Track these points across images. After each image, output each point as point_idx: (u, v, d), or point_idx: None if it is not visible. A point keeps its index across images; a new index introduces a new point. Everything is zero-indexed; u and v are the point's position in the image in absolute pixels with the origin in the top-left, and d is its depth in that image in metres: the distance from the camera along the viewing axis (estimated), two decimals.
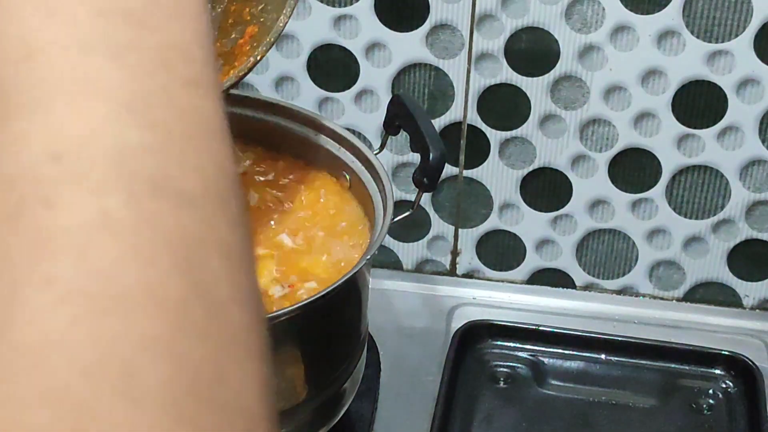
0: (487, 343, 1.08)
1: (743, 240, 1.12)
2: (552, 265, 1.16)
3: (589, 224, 1.13)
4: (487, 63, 1.06)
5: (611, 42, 1.03)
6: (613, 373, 1.06)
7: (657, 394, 1.04)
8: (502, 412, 1.02)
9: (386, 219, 0.84)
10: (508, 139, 1.10)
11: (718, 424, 1.02)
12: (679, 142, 1.07)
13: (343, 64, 1.09)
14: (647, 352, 1.07)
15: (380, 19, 1.06)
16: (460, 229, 1.16)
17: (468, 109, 1.09)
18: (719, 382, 1.05)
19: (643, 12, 1.02)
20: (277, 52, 1.09)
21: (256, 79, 1.11)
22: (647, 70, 1.04)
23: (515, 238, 1.15)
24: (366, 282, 0.88)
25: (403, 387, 1.04)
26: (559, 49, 1.05)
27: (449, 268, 1.18)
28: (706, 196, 1.10)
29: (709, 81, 1.04)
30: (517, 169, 1.11)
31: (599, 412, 1.02)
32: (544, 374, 1.06)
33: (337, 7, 1.06)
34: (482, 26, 1.05)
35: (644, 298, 1.16)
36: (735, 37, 1.02)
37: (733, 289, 1.15)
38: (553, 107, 1.07)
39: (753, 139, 1.06)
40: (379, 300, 1.11)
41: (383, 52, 1.07)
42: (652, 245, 1.13)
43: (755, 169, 1.08)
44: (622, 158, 1.09)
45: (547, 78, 1.06)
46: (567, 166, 1.10)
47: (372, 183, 0.90)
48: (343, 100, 1.10)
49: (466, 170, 1.12)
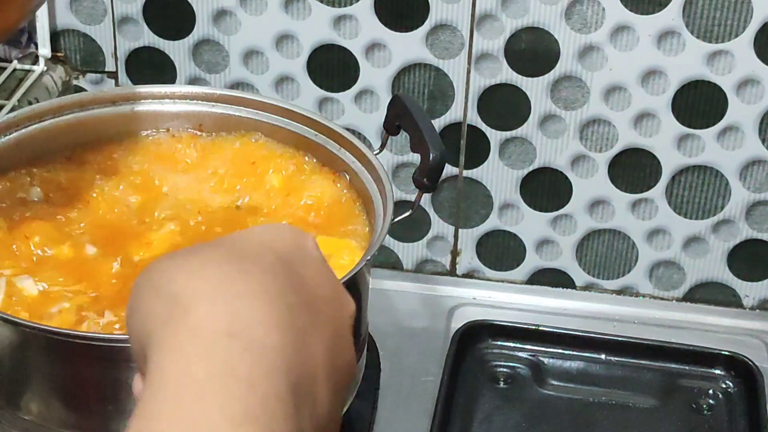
0: (487, 343, 1.08)
1: (743, 240, 1.12)
2: (552, 265, 1.16)
3: (589, 224, 1.13)
4: (487, 63, 1.06)
5: (611, 42, 1.03)
6: (613, 373, 1.06)
7: (657, 394, 1.04)
8: (502, 412, 1.02)
9: (386, 219, 0.84)
10: (508, 139, 1.10)
11: (718, 424, 1.02)
12: (679, 142, 1.07)
13: (343, 64, 1.09)
14: (647, 352, 1.07)
15: (380, 19, 1.06)
16: (460, 229, 1.16)
17: (468, 109, 1.09)
18: (719, 382, 1.05)
19: (643, 12, 1.02)
20: (277, 52, 1.09)
21: (256, 79, 1.11)
22: (647, 70, 1.04)
23: (515, 238, 1.15)
24: (366, 282, 0.88)
25: (403, 387, 1.04)
26: (559, 49, 1.05)
27: (449, 268, 1.18)
28: (706, 196, 1.10)
29: (709, 81, 1.04)
30: (517, 169, 1.11)
31: (599, 412, 1.02)
32: (544, 374, 1.06)
33: (337, 7, 1.06)
34: (482, 26, 1.05)
35: (644, 298, 1.16)
36: (735, 37, 1.02)
37: (733, 289, 1.15)
38: (553, 107, 1.07)
39: (753, 139, 1.06)
40: (379, 300, 1.11)
41: (383, 52, 1.07)
42: (652, 245, 1.13)
43: (755, 169, 1.08)
44: (622, 158, 1.09)
45: (547, 78, 1.06)
46: (567, 166, 1.10)
47: (372, 183, 0.90)
48: (343, 100, 1.10)
49: (466, 170, 1.12)
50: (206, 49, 1.11)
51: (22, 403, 0.78)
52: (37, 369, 0.78)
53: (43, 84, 1.10)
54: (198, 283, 0.46)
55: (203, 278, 0.47)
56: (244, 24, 1.09)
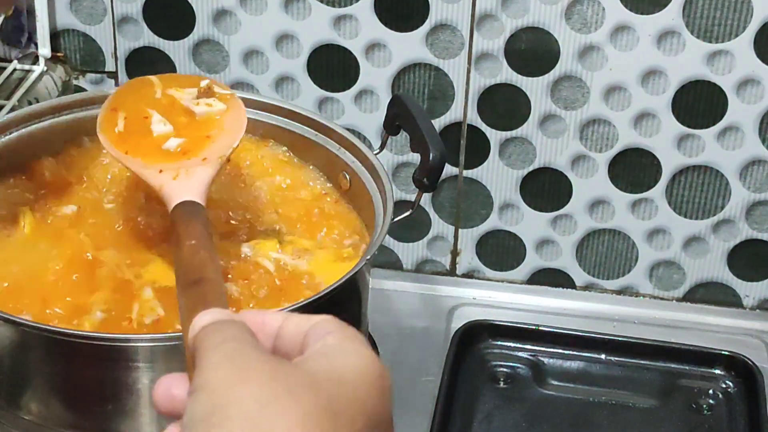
0: (487, 343, 1.08)
1: (743, 240, 1.12)
2: (552, 265, 1.16)
3: (589, 224, 1.13)
4: (487, 63, 1.06)
5: (611, 42, 1.03)
6: (613, 373, 1.06)
7: (657, 394, 1.04)
8: (502, 412, 1.02)
9: (386, 219, 0.84)
10: (508, 139, 1.10)
11: (718, 424, 1.02)
12: (679, 142, 1.07)
13: (343, 64, 1.09)
14: (647, 352, 1.07)
15: (380, 19, 1.06)
16: (460, 229, 1.16)
17: (468, 109, 1.09)
18: (719, 382, 1.05)
19: (643, 12, 1.02)
20: (277, 52, 1.09)
21: (256, 79, 1.11)
22: (647, 70, 1.04)
23: (515, 238, 1.15)
24: (366, 282, 0.88)
25: (403, 387, 1.04)
26: (559, 49, 1.05)
27: (449, 268, 1.18)
28: (706, 196, 1.10)
29: (709, 81, 1.04)
30: (517, 169, 1.11)
31: (599, 412, 1.02)
32: (544, 374, 1.06)
33: (337, 7, 1.06)
34: (482, 26, 1.05)
35: (644, 298, 1.16)
36: (735, 37, 1.02)
37: (733, 289, 1.15)
38: (553, 107, 1.07)
39: (753, 139, 1.06)
40: (379, 300, 1.11)
41: (383, 52, 1.07)
42: (652, 245, 1.13)
43: (755, 169, 1.08)
44: (622, 158, 1.09)
45: (547, 78, 1.06)
46: (567, 166, 1.10)
47: (372, 183, 0.90)
48: (343, 100, 1.10)
49: (466, 170, 1.12)
50: (206, 49, 1.11)
51: (22, 403, 0.78)
52: (37, 369, 0.78)
53: (43, 84, 1.10)
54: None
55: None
56: (244, 24, 1.09)
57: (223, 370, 0.46)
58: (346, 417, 0.45)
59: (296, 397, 0.44)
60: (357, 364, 0.48)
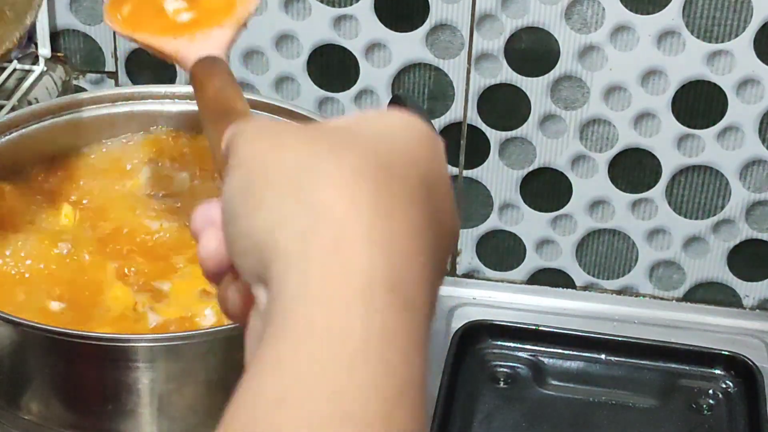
0: (487, 343, 1.08)
1: (743, 240, 1.12)
2: (552, 265, 1.16)
3: (589, 224, 1.13)
4: (487, 63, 1.06)
5: (611, 42, 1.03)
6: (613, 373, 1.06)
7: (657, 394, 1.04)
8: (502, 412, 1.02)
9: None
10: (508, 139, 1.10)
11: (718, 424, 1.02)
12: (679, 142, 1.07)
13: (343, 64, 1.09)
14: (647, 352, 1.07)
15: (380, 19, 1.06)
16: (460, 229, 1.16)
17: (468, 109, 1.09)
18: (719, 382, 1.05)
19: (643, 12, 1.02)
20: (277, 52, 1.09)
21: (256, 79, 1.11)
22: (647, 70, 1.04)
23: (515, 238, 1.15)
24: None
25: None
26: (559, 49, 1.05)
27: (449, 268, 1.18)
28: (706, 196, 1.10)
29: (709, 81, 1.04)
30: (517, 169, 1.11)
31: (599, 412, 1.02)
32: (544, 374, 1.06)
33: (337, 7, 1.06)
34: (482, 26, 1.05)
35: (644, 298, 1.16)
36: (735, 37, 1.02)
37: (733, 289, 1.15)
38: (553, 107, 1.07)
39: (753, 139, 1.06)
40: None
41: (383, 52, 1.07)
42: (652, 245, 1.13)
43: (755, 169, 1.08)
44: (622, 158, 1.09)
45: (547, 78, 1.06)
46: (567, 166, 1.10)
47: None
48: (343, 100, 1.10)
49: (466, 170, 1.12)
50: None
51: (22, 403, 0.78)
52: (37, 369, 0.78)
53: (43, 84, 1.10)
54: (349, 208, 0.39)
55: (355, 201, 0.39)
56: None
57: (257, 142, 0.42)
58: (399, 170, 0.41)
59: (340, 154, 0.40)
60: (404, 121, 0.44)
